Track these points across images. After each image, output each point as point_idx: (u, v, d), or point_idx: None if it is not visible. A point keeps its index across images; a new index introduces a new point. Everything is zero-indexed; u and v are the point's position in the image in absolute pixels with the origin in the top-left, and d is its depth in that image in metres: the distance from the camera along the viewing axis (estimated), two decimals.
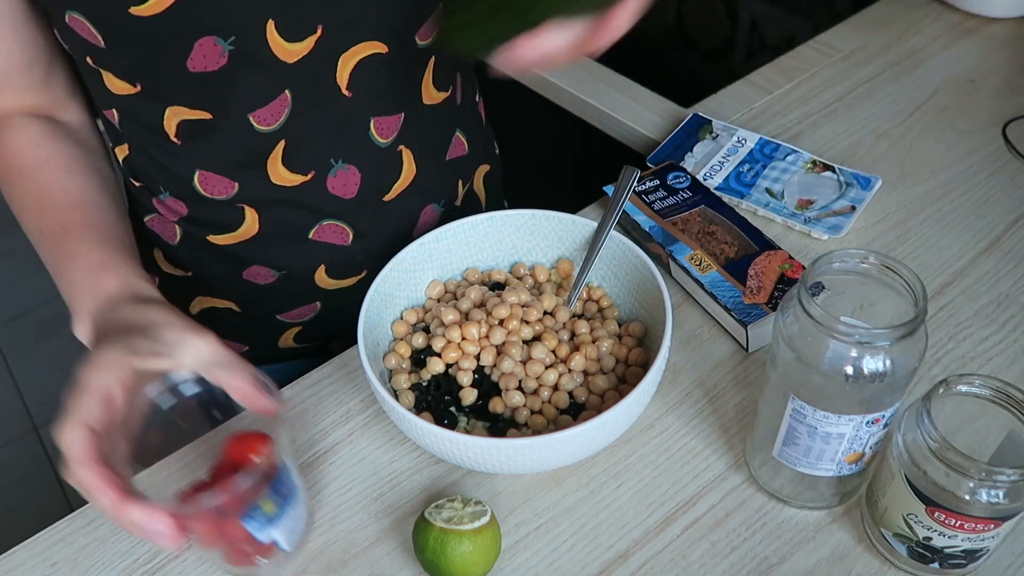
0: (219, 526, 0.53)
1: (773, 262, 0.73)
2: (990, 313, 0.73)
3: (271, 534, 0.55)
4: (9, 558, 0.62)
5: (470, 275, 0.73)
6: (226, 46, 0.60)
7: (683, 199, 0.80)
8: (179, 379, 0.55)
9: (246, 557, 0.57)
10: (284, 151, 0.68)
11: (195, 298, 0.79)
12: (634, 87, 1.04)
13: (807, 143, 0.90)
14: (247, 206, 0.71)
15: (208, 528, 0.53)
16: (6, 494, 1.82)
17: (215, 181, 0.69)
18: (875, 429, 0.54)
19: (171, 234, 0.76)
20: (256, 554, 0.57)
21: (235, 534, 0.54)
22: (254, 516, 0.53)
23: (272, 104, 0.65)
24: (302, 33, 0.62)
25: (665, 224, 0.78)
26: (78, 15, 0.58)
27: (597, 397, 0.64)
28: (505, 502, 0.63)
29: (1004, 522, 0.51)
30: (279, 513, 0.55)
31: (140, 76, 0.63)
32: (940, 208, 0.82)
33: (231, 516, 0.53)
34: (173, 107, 0.64)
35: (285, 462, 0.55)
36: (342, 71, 0.65)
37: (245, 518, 0.53)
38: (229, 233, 0.73)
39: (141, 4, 0.56)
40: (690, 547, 0.59)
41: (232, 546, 0.55)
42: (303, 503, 0.58)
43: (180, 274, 0.78)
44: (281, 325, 0.80)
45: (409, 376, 0.66)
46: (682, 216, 0.78)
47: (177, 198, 0.72)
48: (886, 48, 1.02)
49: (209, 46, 0.60)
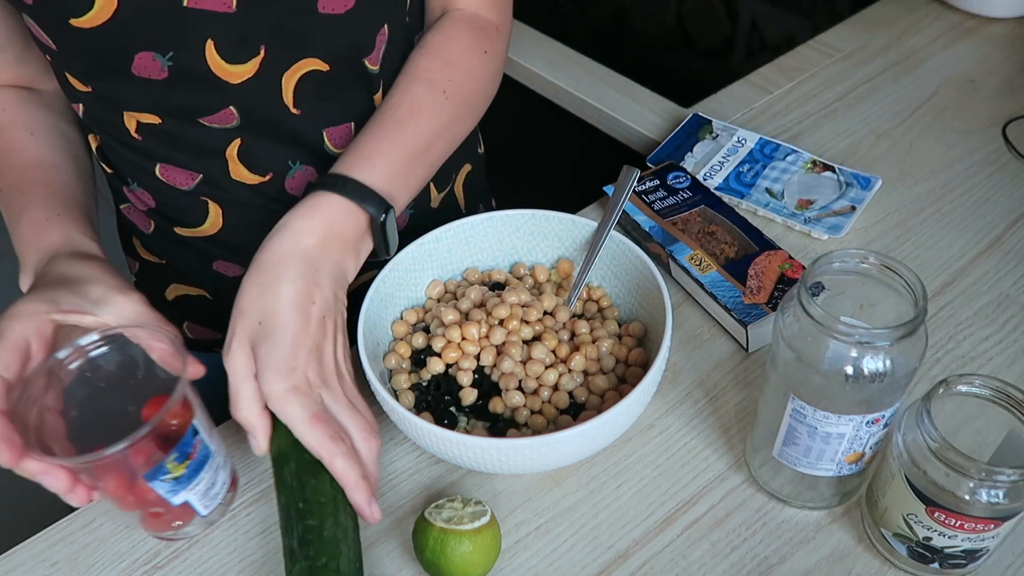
0: (129, 487, 0.54)
1: (773, 262, 0.73)
2: (990, 313, 0.73)
3: (183, 496, 0.56)
4: (9, 558, 0.62)
5: (470, 275, 0.73)
6: (164, 61, 0.60)
7: (683, 199, 0.80)
8: (87, 342, 0.55)
9: (162, 520, 0.57)
10: (240, 150, 0.68)
11: (170, 285, 0.80)
12: (634, 87, 1.04)
13: (807, 143, 0.90)
14: (211, 201, 0.72)
15: (118, 487, 0.54)
16: (6, 494, 1.82)
17: (176, 173, 0.70)
18: (875, 429, 0.54)
19: (145, 224, 0.77)
20: (171, 517, 0.57)
21: (147, 496, 0.54)
22: (159, 477, 0.54)
23: (219, 114, 0.65)
24: (245, 55, 0.62)
25: (665, 224, 0.78)
26: (29, 19, 0.60)
27: (597, 397, 0.64)
28: (505, 502, 0.63)
29: (1004, 522, 0.51)
30: (189, 475, 0.55)
31: (91, 80, 0.64)
32: (940, 208, 0.82)
33: (138, 476, 0.53)
34: (127, 112, 0.65)
35: (195, 425, 0.55)
36: (287, 89, 0.66)
37: (152, 479, 0.54)
38: (195, 227, 0.74)
39: (80, 16, 0.57)
40: (690, 547, 0.59)
41: (146, 508, 0.56)
42: (221, 467, 0.59)
43: (156, 261, 0.80)
44: None
45: (409, 376, 0.66)
46: (682, 216, 0.78)
47: (144, 189, 0.73)
48: (886, 48, 1.02)
49: (148, 60, 0.60)
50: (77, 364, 0.56)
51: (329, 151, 0.70)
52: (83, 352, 0.56)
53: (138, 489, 0.54)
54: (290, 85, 0.65)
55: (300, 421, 0.54)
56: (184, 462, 0.55)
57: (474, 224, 0.71)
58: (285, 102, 0.66)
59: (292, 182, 0.71)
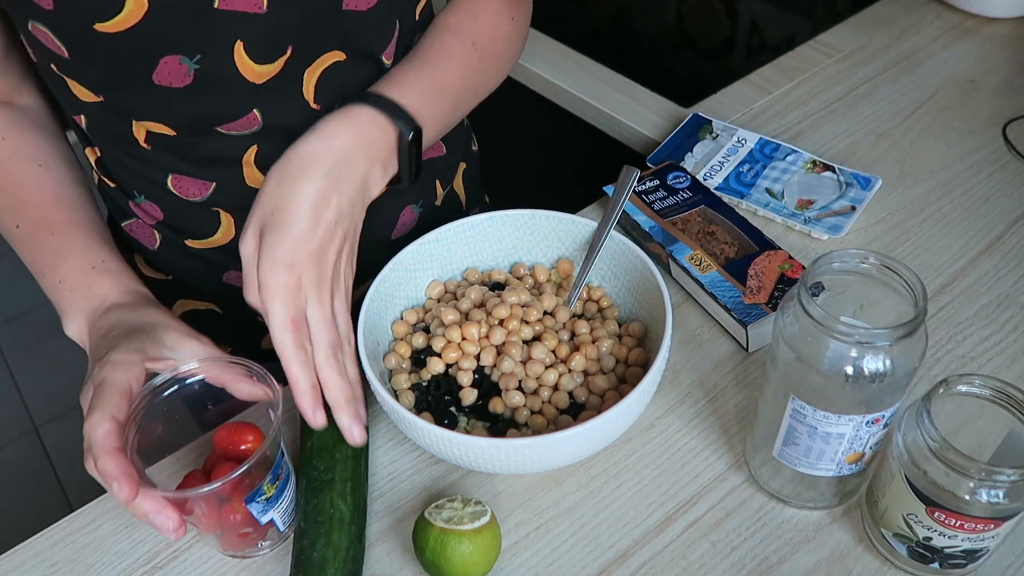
0: (219, 511, 0.56)
1: (773, 262, 0.73)
2: (990, 313, 0.73)
3: (271, 515, 0.58)
4: (9, 558, 0.62)
5: (470, 275, 0.73)
6: (192, 65, 0.60)
7: (683, 199, 0.80)
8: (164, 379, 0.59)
9: (245, 540, 0.59)
10: (257, 155, 0.68)
11: (176, 301, 0.79)
12: (634, 87, 1.04)
13: (807, 143, 0.90)
14: (223, 211, 0.71)
15: (209, 513, 0.56)
16: (6, 494, 1.82)
17: (188, 183, 0.69)
18: (875, 429, 0.54)
19: (150, 240, 0.75)
20: (255, 535, 0.59)
21: (234, 518, 0.57)
22: (256, 499, 0.56)
23: (241, 120, 0.65)
24: (273, 55, 0.62)
25: (665, 224, 0.78)
26: (41, 26, 0.58)
27: (597, 397, 0.64)
28: (505, 502, 0.63)
29: (1004, 522, 0.51)
30: (276, 495, 0.57)
31: (105, 90, 0.62)
32: (940, 208, 0.82)
33: (234, 500, 0.56)
34: (138, 121, 0.64)
35: (280, 446, 0.58)
36: (308, 85, 0.65)
37: (249, 502, 0.56)
38: (206, 239, 0.73)
39: (107, 21, 0.56)
40: (690, 547, 0.59)
41: (231, 529, 0.58)
42: (293, 485, 0.61)
43: (160, 278, 0.79)
44: (262, 325, 0.80)
45: (409, 376, 0.66)
46: (682, 216, 0.78)
47: (153, 201, 0.72)
48: (886, 48, 1.02)
49: (174, 64, 0.59)
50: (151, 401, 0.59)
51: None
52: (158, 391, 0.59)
53: (228, 512, 0.56)
54: (311, 81, 0.65)
55: (278, 321, 0.55)
56: (275, 483, 0.57)
57: (474, 224, 0.71)
58: (306, 98, 0.66)
59: None
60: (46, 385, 2.05)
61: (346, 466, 0.60)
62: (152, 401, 0.58)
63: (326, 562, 0.55)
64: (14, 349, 2.14)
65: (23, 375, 2.09)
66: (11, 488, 1.84)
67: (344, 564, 0.55)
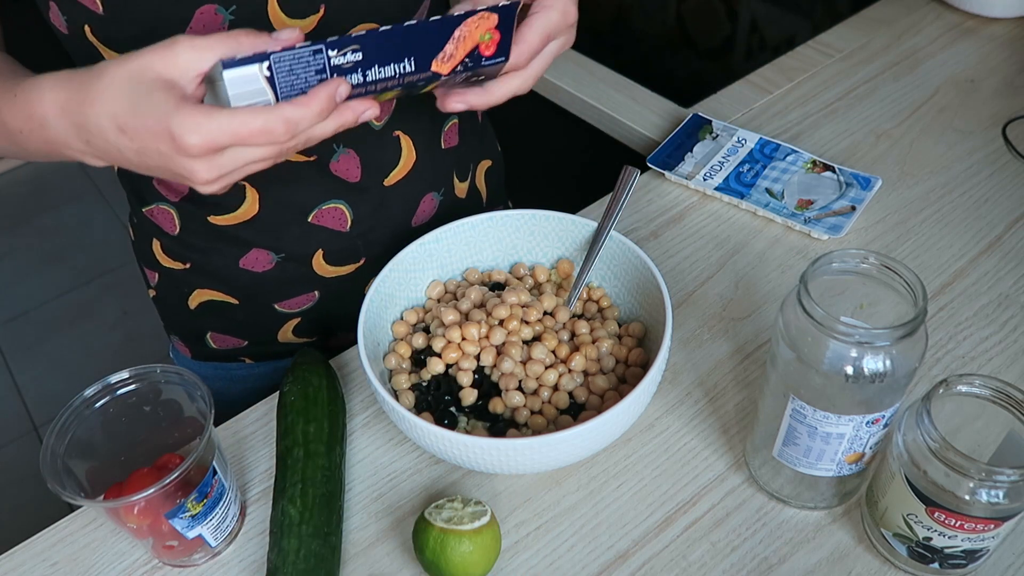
0: (149, 521, 0.57)
1: (478, 30, 0.54)
2: (990, 313, 0.73)
3: (197, 531, 0.58)
4: (9, 558, 0.62)
5: (470, 275, 0.73)
6: (227, 15, 0.60)
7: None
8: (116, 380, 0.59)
9: (172, 551, 0.60)
10: None
11: (194, 291, 0.79)
12: (634, 87, 1.04)
13: (807, 143, 0.90)
14: (248, 184, 0.71)
15: (139, 521, 0.56)
16: (6, 494, 1.82)
17: None
18: (875, 429, 0.54)
19: (171, 225, 0.75)
20: (183, 548, 0.59)
21: (162, 529, 0.57)
22: (179, 515, 0.56)
23: None
24: (305, 11, 0.62)
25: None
26: None
27: (597, 397, 0.64)
28: (505, 502, 0.63)
29: (1004, 522, 0.51)
30: (205, 512, 0.58)
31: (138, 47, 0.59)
32: (940, 208, 0.82)
33: (158, 515, 0.56)
34: None
35: (214, 465, 0.58)
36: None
37: (171, 517, 0.56)
38: (229, 213, 0.73)
39: None
40: (690, 547, 0.59)
41: (159, 539, 0.58)
42: (233, 502, 0.61)
43: (178, 267, 0.78)
44: (279, 316, 0.80)
45: (409, 376, 0.66)
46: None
47: None
48: (886, 48, 1.02)
49: (210, 14, 0.59)
50: (103, 402, 0.59)
51: (370, 125, 0.70)
52: (111, 389, 0.59)
53: (157, 523, 0.57)
54: None
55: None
56: (202, 501, 0.57)
57: (474, 224, 0.71)
58: None
59: (337, 164, 0.70)
60: (46, 385, 2.05)
61: (296, 469, 0.61)
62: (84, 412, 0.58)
63: (276, 570, 0.56)
64: (14, 349, 2.14)
65: (23, 375, 2.09)
66: (11, 488, 1.84)
67: (294, 565, 0.56)
